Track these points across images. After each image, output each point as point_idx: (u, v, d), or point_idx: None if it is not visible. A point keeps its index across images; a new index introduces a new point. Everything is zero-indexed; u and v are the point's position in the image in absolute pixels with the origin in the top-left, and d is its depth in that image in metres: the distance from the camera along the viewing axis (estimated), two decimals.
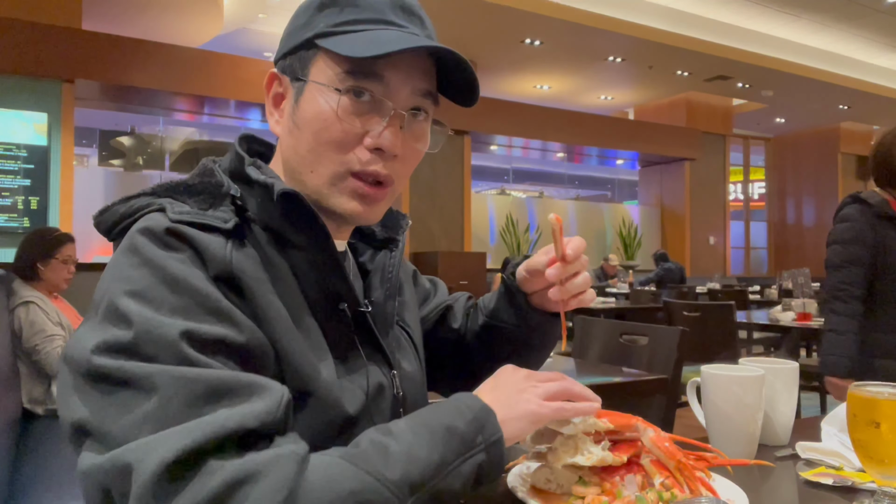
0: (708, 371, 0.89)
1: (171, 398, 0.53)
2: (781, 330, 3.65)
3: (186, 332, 0.56)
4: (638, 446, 0.71)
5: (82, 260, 3.11)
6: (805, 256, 12.53)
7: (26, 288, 2.55)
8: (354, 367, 0.73)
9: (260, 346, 0.62)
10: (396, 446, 0.58)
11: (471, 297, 1.06)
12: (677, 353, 1.77)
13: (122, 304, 0.58)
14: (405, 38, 0.69)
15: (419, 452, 0.58)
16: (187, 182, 0.71)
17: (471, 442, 0.61)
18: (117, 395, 0.54)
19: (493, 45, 8.14)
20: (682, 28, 8.30)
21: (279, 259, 0.70)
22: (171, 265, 0.60)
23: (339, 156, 0.71)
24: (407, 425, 0.61)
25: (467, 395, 0.66)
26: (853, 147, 12.71)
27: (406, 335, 0.86)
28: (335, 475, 0.54)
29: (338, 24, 0.70)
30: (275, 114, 0.76)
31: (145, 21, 7.54)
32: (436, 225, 8.47)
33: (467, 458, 0.60)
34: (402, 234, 0.88)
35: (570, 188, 15.86)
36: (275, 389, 0.58)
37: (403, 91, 0.71)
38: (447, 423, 0.61)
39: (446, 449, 0.60)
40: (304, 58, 0.72)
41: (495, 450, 0.62)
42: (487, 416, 0.63)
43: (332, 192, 0.72)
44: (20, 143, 5.71)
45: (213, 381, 0.55)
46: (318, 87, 0.70)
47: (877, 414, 0.69)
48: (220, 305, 0.60)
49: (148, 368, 0.54)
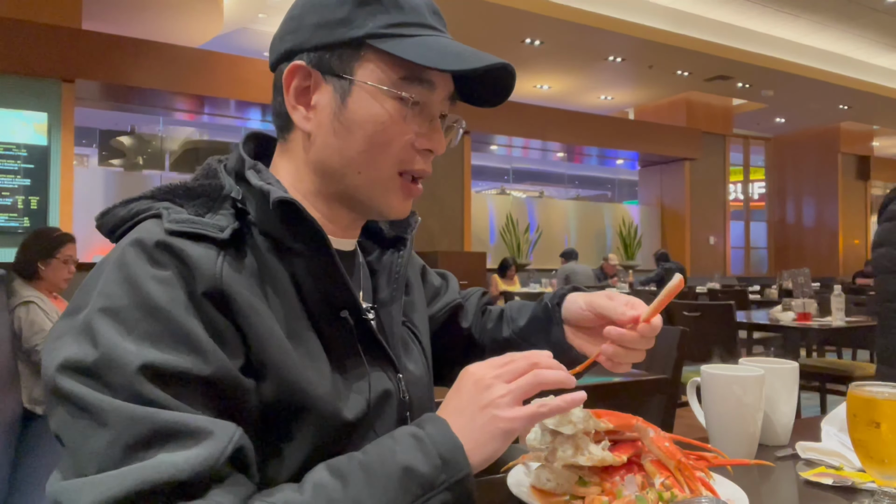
0: (708, 371, 0.89)
1: (116, 438, 0.54)
2: (781, 330, 3.65)
3: (147, 365, 0.56)
4: (638, 446, 0.71)
5: (82, 260, 3.11)
6: (805, 256, 12.54)
7: (26, 288, 2.55)
8: (356, 375, 0.72)
9: (229, 378, 0.61)
10: (342, 494, 0.56)
11: (485, 293, 1.05)
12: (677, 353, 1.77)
13: (95, 321, 0.58)
14: (470, 52, 0.71)
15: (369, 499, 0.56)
16: (187, 185, 0.70)
17: (431, 484, 0.57)
18: (78, 421, 0.56)
19: (493, 45, 8.13)
20: (682, 28, 8.30)
21: (278, 266, 0.69)
22: (152, 288, 0.60)
23: (392, 158, 0.72)
24: (361, 466, 0.58)
25: (433, 423, 0.61)
26: (853, 147, 12.71)
27: (413, 336, 0.85)
28: None
29: (388, 26, 0.70)
30: (300, 109, 0.73)
31: (145, 21, 7.54)
32: (436, 225, 8.46)
33: (427, 500, 0.57)
34: (411, 232, 0.87)
35: (570, 188, 15.86)
36: (222, 434, 0.56)
37: (442, 95, 0.74)
38: (406, 463, 0.57)
39: (402, 493, 0.56)
40: (347, 56, 0.70)
41: (461, 488, 0.58)
42: (453, 452, 0.59)
43: (383, 191, 0.73)
44: (20, 142, 5.71)
45: (158, 424, 0.54)
46: (371, 90, 0.70)
47: (877, 414, 0.69)
48: (190, 335, 0.59)
49: (102, 402, 0.55)
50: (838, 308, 3.69)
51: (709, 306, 3.69)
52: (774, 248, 13.37)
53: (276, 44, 0.76)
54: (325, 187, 0.74)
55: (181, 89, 6.73)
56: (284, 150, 0.77)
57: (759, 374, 0.88)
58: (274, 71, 0.76)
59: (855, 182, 12.91)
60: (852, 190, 12.85)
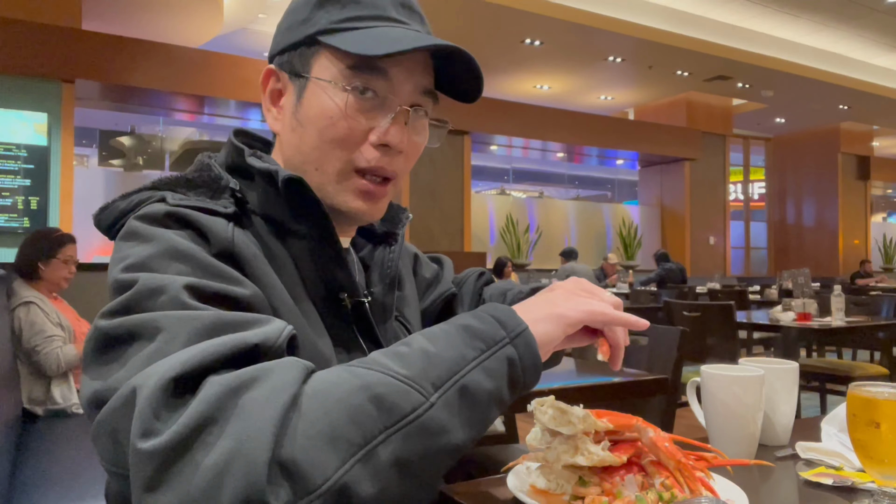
0: (708, 371, 0.89)
1: (174, 336, 0.52)
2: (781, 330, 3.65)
3: (189, 285, 0.56)
4: (638, 446, 0.71)
5: (82, 260, 3.12)
6: (805, 256, 12.54)
7: (26, 288, 2.55)
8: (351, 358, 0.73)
9: (264, 304, 0.62)
10: (409, 349, 0.55)
11: (483, 274, 1.04)
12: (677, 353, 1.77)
13: (122, 277, 0.58)
14: (413, 36, 0.69)
15: (434, 350, 0.55)
16: (186, 176, 0.71)
17: (492, 338, 0.57)
18: (126, 351, 0.54)
19: (493, 45, 8.14)
20: (682, 28, 8.30)
21: (280, 249, 0.70)
22: (173, 238, 0.61)
23: (344, 153, 0.71)
24: (419, 334, 0.59)
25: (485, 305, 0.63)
26: (853, 147, 12.71)
27: (405, 330, 0.86)
28: (343, 378, 0.52)
29: (340, 21, 0.70)
30: (272, 110, 0.75)
31: (145, 21, 7.54)
32: (436, 225, 8.46)
33: (492, 354, 0.56)
34: (402, 228, 0.87)
35: (570, 188, 15.86)
36: (277, 321, 0.57)
37: (406, 87, 0.72)
38: (464, 323, 0.58)
39: (465, 346, 0.56)
40: (306, 54, 0.72)
41: (522, 341, 0.58)
42: (506, 313, 0.60)
43: (338, 189, 0.72)
44: (20, 143, 5.71)
45: (215, 318, 0.54)
46: (321, 84, 0.70)
47: (877, 414, 0.69)
48: (223, 269, 0.61)
49: (150, 315, 0.54)
50: (838, 308, 3.69)
51: (709, 306, 3.69)
52: (774, 248, 13.37)
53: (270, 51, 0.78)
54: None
55: (181, 89, 6.73)
56: (273, 151, 0.79)
57: (759, 374, 0.88)
58: None
59: (855, 182, 12.91)
60: (852, 190, 12.85)
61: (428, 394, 0.52)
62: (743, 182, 13.29)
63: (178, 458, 0.46)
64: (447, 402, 0.53)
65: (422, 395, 0.52)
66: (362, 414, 0.49)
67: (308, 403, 0.49)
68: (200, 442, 0.46)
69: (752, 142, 13.16)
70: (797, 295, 3.96)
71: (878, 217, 15.32)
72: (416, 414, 0.51)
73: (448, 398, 0.53)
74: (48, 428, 2.33)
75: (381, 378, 0.51)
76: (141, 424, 0.47)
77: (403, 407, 0.51)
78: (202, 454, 0.45)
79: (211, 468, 0.45)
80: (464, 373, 0.54)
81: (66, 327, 2.57)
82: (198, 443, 0.46)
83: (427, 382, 0.52)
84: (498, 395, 0.57)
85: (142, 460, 0.46)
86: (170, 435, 0.46)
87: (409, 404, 0.51)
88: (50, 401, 2.47)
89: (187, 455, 0.46)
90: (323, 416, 0.48)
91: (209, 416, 0.47)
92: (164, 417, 0.47)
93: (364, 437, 0.49)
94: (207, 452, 0.45)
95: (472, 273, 1.04)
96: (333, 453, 0.47)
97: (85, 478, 1.84)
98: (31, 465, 1.93)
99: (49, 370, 2.43)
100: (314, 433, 0.47)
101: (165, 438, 0.46)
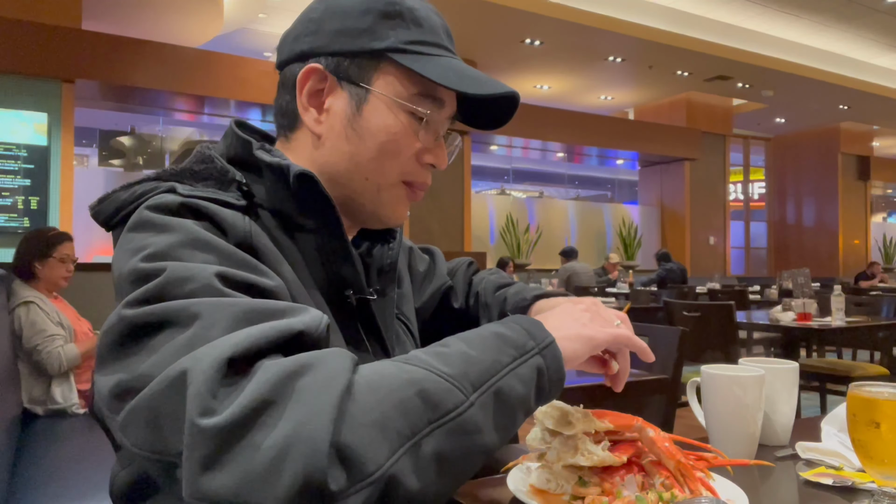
0: (708, 371, 0.89)
1: (213, 323, 0.52)
2: (781, 330, 3.65)
3: (219, 273, 0.56)
4: (638, 446, 0.71)
5: (83, 260, 3.12)
6: (805, 256, 12.54)
7: (26, 288, 2.55)
8: (359, 354, 0.73)
9: (287, 296, 0.62)
10: (448, 349, 0.57)
11: (472, 264, 1.06)
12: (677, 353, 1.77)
13: (143, 266, 0.56)
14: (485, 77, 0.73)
15: (473, 353, 0.57)
16: (192, 168, 0.70)
17: (523, 346, 0.60)
18: (156, 338, 0.52)
19: (493, 45, 8.14)
20: (682, 28, 8.30)
21: (288, 243, 0.71)
22: (194, 228, 0.60)
23: (398, 167, 0.74)
24: (454, 337, 0.60)
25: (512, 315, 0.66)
26: (853, 147, 12.71)
27: (405, 328, 0.86)
28: (391, 371, 0.53)
29: (410, 43, 0.72)
30: (312, 111, 0.74)
31: (145, 21, 7.54)
32: (436, 225, 8.46)
33: (524, 361, 0.59)
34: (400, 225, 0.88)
35: (570, 188, 15.86)
36: (313, 311, 0.57)
37: (447, 114, 0.77)
38: (496, 330, 0.61)
39: (499, 352, 0.58)
40: (366, 66, 0.72)
41: (550, 353, 0.61)
42: (533, 325, 0.63)
43: (386, 199, 0.75)
44: (20, 143, 5.71)
45: (252, 304, 0.54)
46: (387, 101, 0.72)
47: (877, 414, 0.69)
48: (248, 259, 0.61)
49: (183, 302, 0.53)
50: (838, 308, 3.69)
51: (709, 306, 3.69)
52: (774, 248, 13.37)
53: (287, 43, 0.76)
54: (328, 190, 0.74)
55: (181, 89, 6.73)
56: (286, 148, 0.77)
57: (759, 375, 0.88)
58: (281, 70, 0.76)
59: (855, 182, 12.91)
60: (852, 190, 12.85)
61: (468, 393, 0.54)
62: (743, 182, 13.29)
63: (239, 438, 0.45)
64: (483, 403, 0.54)
65: (463, 393, 0.53)
66: (411, 407, 0.50)
67: (361, 393, 0.49)
68: (260, 423, 0.46)
69: (752, 142, 13.16)
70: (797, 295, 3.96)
71: (878, 217, 15.32)
72: (458, 412, 0.52)
73: (484, 400, 0.54)
74: (48, 428, 2.33)
75: (427, 374, 0.53)
76: (200, 402, 0.46)
77: (447, 404, 0.52)
78: (261, 435, 0.45)
79: (271, 449, 0.45)
80: (499, 377, 0.56)
81: (67, 326, 2.57)
82: (257, 424, 0.46)
83: (468, 382, 0.54)
84: (526, 402, 0.59)
85: (202, 438, 0.45)
86: (230, 415, 0.46)
87: (452, 402, 0.52)
88: (50, 400, 2.47)
89: (248, 436, 0.46)
90: (376, 405, 0.49)
91: (268, 399, 0.47)
92: (222, 397, 0.47)
93: (412, 430, 0.50)
94: (267, 434, 0.45)
95: (462, 263, 1.06)
96: (385, 442, 0.48)
97: (85, 477, 1.84)
98: (31, 465, 1.93)
99: (51, 369, 2.43)
100: (368, 421, 0.48)
101: (226, 417, 0.45)
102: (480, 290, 0.99)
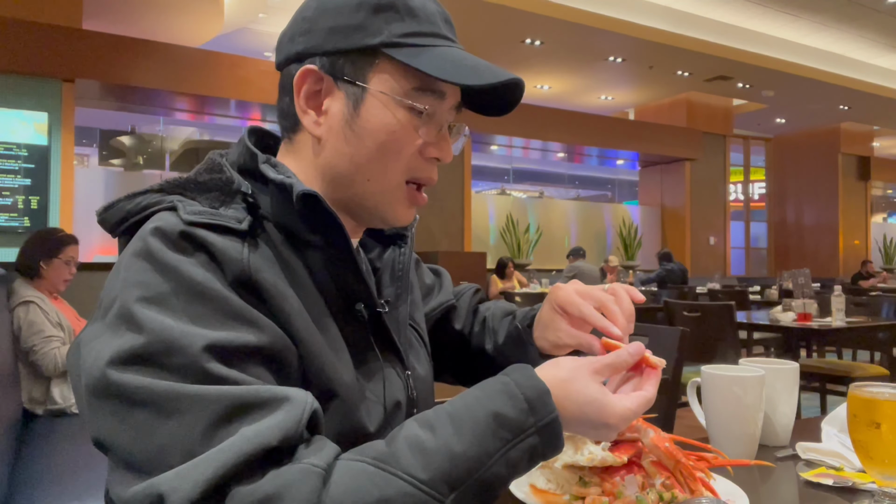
0: (708, 371, 0.89)
1: (193, 423, 0.52)
2: (782, 330, 3.65)
3: (210, 346, 0.55)
4: (638, 446, 0.71)
5: (83, 260, 3.11)
6: (805, 257, 12.54)
7: (27, 287, 2.55)
8: (372, 369, 0.73)
9: (284, 347, 0.62)
10: (433, 442, 0.55)
11: (478, 291, 1.04)
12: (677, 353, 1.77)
13: (137, 310, 0.57)
14: (484, 64, 0.71)
15: (459, 447, 0.55)
16: (196, 179, 0.69)
17: (519, 427, 0.57)
18: (135, 416, 0.53)
19: (493, 45, 8.14)
20: (682, 28, 8.30)
21: (294, 259, 0.69)
22: (189, 270, 0.59)
23: (401, 166, 0.72)
24: (448, 415, 0.58)
25: (521, 373, 0.60)
26: (853, 147, 12.71)
27: (417, 335, 0.85)
28: (363, 484, 0.53)
29: (404, 35, 0.69)
30: (311, 113, 0.72)
31: (145, 21, 7.54)
32: (436, 225, 8.46)
33: (516, 444, 0.56)
34: (411, 229, 0.86)
35: (570, 188, 15.87)
36: (297, 398, 0.56)
37: (449, 105, 0.74)
38: (494, 409, 0.57)
39: (492, 439, 0.56)
40: (360, 63, 0.70)
41: (548, 431, 0.58)
42: (541, 397, 0.58)
43: (390, 199, 0.73)
44: (20, 142, 5.71)
45: (235, 399, 0.54)
46: (384, 99, 0.70)
47: (877, 414, 0.69)
48: (240, 309, 0.60)
49: (168, 389, 0.54)
50: (838, 308, 3.69)
51: (709, 307, 3.69)
52: (775, 248, 13.37)
53: (284, 44, 0.74)
54: (331, 192, 0.73)
55: (181, 89, 6.73)
56: (290, 151, 0.76)
57: (759, 375, 0.88)
58: (281, 70, 0.75)
59: (855, 182, 12.91)
60: (852, 190, 12.85)
61: (444, 497, 0.54)
62: (743, 182, 13.29)
63: None
64: (460, 498, 0.54)
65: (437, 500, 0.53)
66: None
67: None
68: None
69: (752, 142, 13.16)
70: (797, 295, 3.96)
71: (878, 217, 15.32)
72: None
73: (463, 493, 0.54)
74: (48, 428, 2.33)
75: (401, 488, 0.53)
76: None
77: None
78: None
79: None
80: (484, 469, 0.55)
81: (66, 327, 2.57)
82: None
83: (445, 486, 0.54)
84: (512, 478, 0.58)
85: None
86: None
87: None
88: (50, 401, 2.47)
89: None
90: None
91: None
92: None
93: None
94: None
95: (469, 289, 1.04)
96: None
97: (84, 477, 1.84)
98: (30, 465, 1.93)
99: (46, 370, 2.43)
100: None
101: None
102: (488, 316, 0.98)
